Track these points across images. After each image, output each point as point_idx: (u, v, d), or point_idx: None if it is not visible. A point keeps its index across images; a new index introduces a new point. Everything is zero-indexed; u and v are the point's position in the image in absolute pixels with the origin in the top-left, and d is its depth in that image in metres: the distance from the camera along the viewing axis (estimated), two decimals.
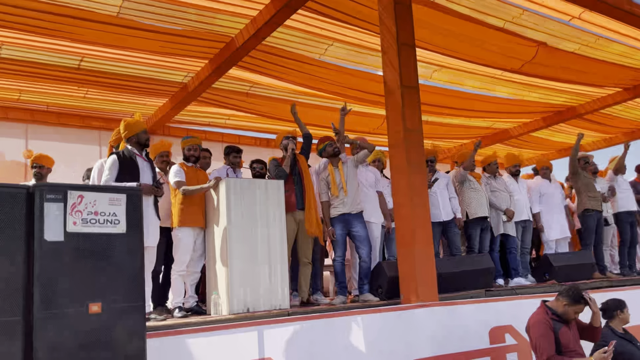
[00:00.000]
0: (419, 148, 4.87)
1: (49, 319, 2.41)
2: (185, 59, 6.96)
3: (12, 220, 2.40)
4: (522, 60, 7.32)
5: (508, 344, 4.73)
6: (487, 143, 11.43)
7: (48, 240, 2.44)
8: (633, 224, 7.42)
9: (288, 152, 5.26)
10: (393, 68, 4.95)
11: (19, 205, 2.43)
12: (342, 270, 5.23)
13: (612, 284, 6.21)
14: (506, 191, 6.64)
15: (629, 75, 8.25)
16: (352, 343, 4.02)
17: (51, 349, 2.41)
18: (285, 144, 5.38)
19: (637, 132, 11.40)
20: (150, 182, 4.47)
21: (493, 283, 5.92)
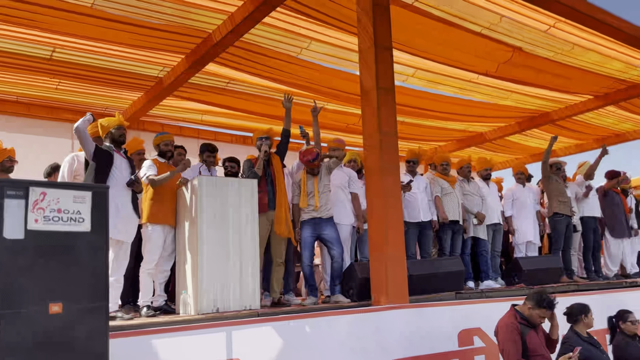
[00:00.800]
0: (393, 150, 4.88)
1: (7, 318, 2.34)
2: (161, 53, 6.86)
3: None
4: (497, 62, 7.40)
5: (476, 347, 4.78)
6: (462, 146, 11.57)
7: (7, 238, 2.36)
8: (596, 230, 7.57)
9: (261, 154, 5.22)
10: (369, 70, 4.95)
11: None
12: (310, 272, 5.21)
13: (579, 288, 6.33)
14: (478, 195, 6.72)
15: (601, 83, 8.42)
16: (321, 344, 4.01)
17: (9, 350, 2.34)
18: (258, 145, 5.34)
19: (607, 139, 11.65)
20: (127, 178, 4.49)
21: (463, 286, 5.98)
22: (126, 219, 4.42)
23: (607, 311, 4.97)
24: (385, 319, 4.37)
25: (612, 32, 6.61)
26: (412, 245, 6.12)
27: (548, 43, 6.96)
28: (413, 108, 8.87)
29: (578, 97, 9.18)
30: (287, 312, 4.28)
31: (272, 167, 5.29)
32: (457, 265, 5.66)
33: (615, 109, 9.76)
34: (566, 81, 8.26)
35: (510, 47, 6.97)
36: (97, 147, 4.42)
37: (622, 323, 4.70)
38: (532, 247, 7.17)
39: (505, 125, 10.63)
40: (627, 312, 4.73)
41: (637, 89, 8.57)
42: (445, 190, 6.45)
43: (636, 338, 4.69)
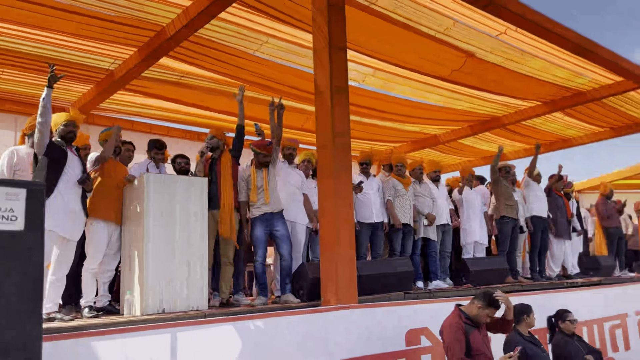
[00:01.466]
0: (346, 151, 4.90)
1: None
2: (113, 45, 6.65)
3: None
4: (450, 69, 7.56)
5: (423, 346, 4.86)
6: (417, 148, 11.75)
7: None
8: (544, 230, 7.83)
9: (203, 156, 5.16)
10: (324, 69, 4.95)
11: None
12: (262, 271, 5.17)
13: (523, 289, 6.54)
14: (429, 196, 6.84)
15: (548, 90, 8.73)
16: (270, 345, 3.98)
17: None
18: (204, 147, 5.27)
19: (555, 144, 12.10)
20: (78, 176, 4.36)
21: (413, 286, 6.08)
22: (74, 217, 4.28)
23: (549, 311, 5.15)
24: (335, 319, 4.38)
25: (559, 40, 6.86)
26: (363, 246, 6.17)
27: (499, 49, 7.16)
28: (369, 109, 8.95)
29: (527, 103, 9.48)
30: (236, 313, 4.23)
31: (220, 165, 5.21)
32: (406, 265, 5.74)
33: (561, 115, 10.14)
34: (515, 87, 8.51)
35: (463, 52, 7.13)
36: (50, 141, 4.26)
37: (561, 322, 4.89)
38: (480, 247, 7.35)
39: (458, 128, 10.87)
40: (566, 311, 4.92)
41: (581, 96, 8.93)
42: (398, 192, 6.52)
43: (574, 337, 4.88)
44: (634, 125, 10.73)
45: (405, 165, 6.82)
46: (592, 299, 6.83)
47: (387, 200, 6.47)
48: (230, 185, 5.15)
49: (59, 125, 4.43)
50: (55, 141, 4.37)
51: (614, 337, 6.82)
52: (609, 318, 6.85)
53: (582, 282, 7.47)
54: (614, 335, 6.83)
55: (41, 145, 4.17)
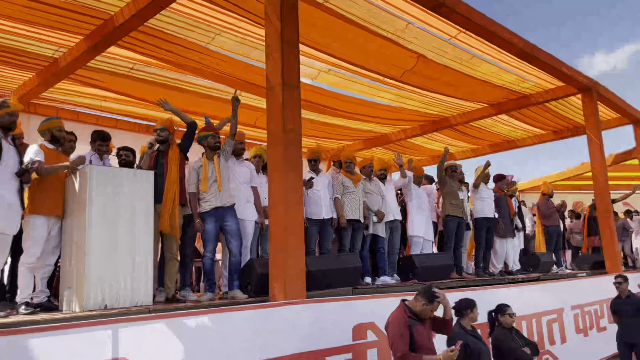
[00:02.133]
0: (296, 147, 4.89)
1: None
2: (57, 32, 6.41)
3: None
4: (402, 69, 7.69)
5: (369, 341, 4.91)
6: (368, 146, 11.90)
7: None
8: (490, 230, 8.10)
9: (152, 148, 5.05)
10: (275, 65, 4.92)
11: None
12: (211, 266, 5.11)
13: (467, 284, 6.74)
14: (379, 193, 6.94)
15: (496, 93, 9.03)
16: (216, 341, 3.93)
17: None
18: (154, 139, 5.15)
19: (500, 145, 12.52)
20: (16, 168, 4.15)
21: (360, 281, 6.16)
22: (9, 210, 4.07)
23: (492, 306, 5.32)
24: (283, 314, 4.38)
25: (506, 45, 7.11)
26: (312, 242, 6.20)
27: (450, 52, 7.34)
28: (321, 106, 8.99)
29: (475, 105, 9.77)
30: (181, 309, 4.16)
31: (167, 158, 5.11)
32: (354, 261, 5.80)
33: (507, 117, 10.51)
34: (464, 89, 8.75)
35: (414, 53, 7.26)
36: None
37: (501, 316, 5.05)
38: (428, 244, 7.52)
39: (409, 127, 11.08)
40: (505, 306, 5.09)
41: (526, 99, 9.29)
42: (347, 189, 6.58)
43: (513, 330, 5.07)
44: (574, 129, 11.24)
45: (355, 162, 6.89)
46: (532, 294, 7.11)
47: (335, 197, 6.52)
48: (176, 180, 5.05)
49: (4, 114, 4.20)
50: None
51: (551, 330, 7.14)
52: (547, 312, 7.16)
53: (523, 278, 7.77)
54: (552, 328, 7.15)
55: None
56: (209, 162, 5.24)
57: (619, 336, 6.76)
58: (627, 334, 6.64)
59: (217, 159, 5.26)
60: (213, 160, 5.25)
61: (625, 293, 6.77)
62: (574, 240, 12.00)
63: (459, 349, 3.95)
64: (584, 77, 8.62)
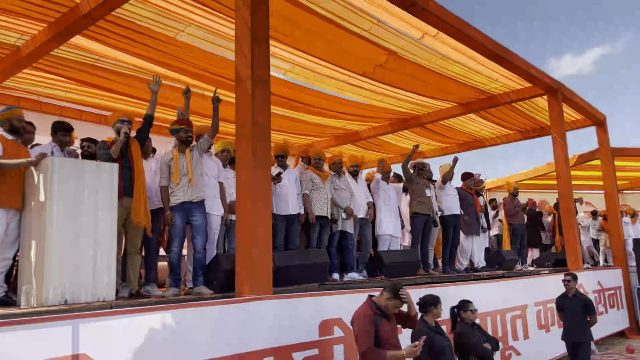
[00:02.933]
0: (265, 142, 4.85)
1: None
2: (20, 18, 6.19)
3: None
4: (373, 64, 7.71)
5: (336, 336, 4.93)
6: (339, 143, 11.93)
7: None
8: (456, 227, 8.21)
9: (120, 137, 4.93)
10: (245, 59, 4.87)
11: None
12: (177, 261, 5.05)
13: (433, 281, 6.81)
14: (348, 190, 6.96)
15: (465, 92, 9.15)
16: (180, 337, 3.88)
17: None
18: (118, 127, 5.04)
19: (468, 144, 12.72)
20: None
21: (328, 277, 6.16)
22: None
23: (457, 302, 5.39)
24: (249, 310, 4.34)
25: (477, 46, 7.21)
26: (279, 238, 6.16)
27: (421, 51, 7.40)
28: (291, 101, 8.95)
29: (445, 104, 9.88)
30: (145, 304, 4.08)
31: (131, 152, 5.00)
32: (322, 257, 5.80)
33: (476, 116, 10.67)
34: (434, 88, 8.84)
35: (385, 50, 7.29)
36: None
37: (463, 312, 5.13)
38: (395, 241, 7.58)
39: (379, 125, 11.14)
40: (468, 301, 5.17)
41: (494, 99, 9.45)
42: (316, 185, 6.58)
43: (474, 326, 5.15)
44: (540, 129, 11.49)
45: (324, 158, 6.88)
46: (496, 291, 7.25)
47: (303, 193, 6.50)
48: (143, 173, 4.97)
49: None
50: None
51: (515, 326, 7.29)
52: (511, 309, 7.30)
53: (488, 275, 7.91)
54: (515, 324, 7.30)
55: None
56: (181, 155, 5.16)
57: (565, 335, 6.70)
58: (572, 333, 6.58)
59: (189, 153, 5.18)
60: (185, 154, 5.17)
61: (573, 292, 6.71)
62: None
63: (422, 345, 4.00)
64: (550, 79, 8.81)
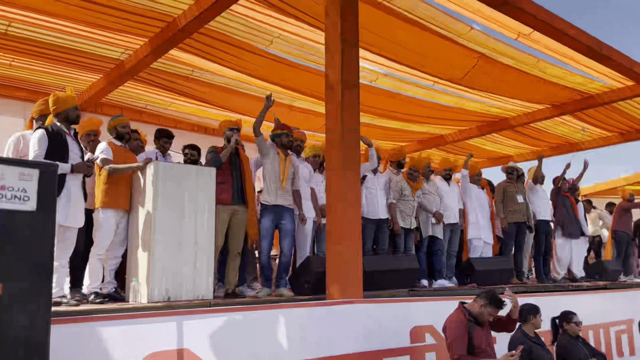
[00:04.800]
0: (355, 146, 4.89)
1: None
2: (123, 34, 6.66)
3: None
4: (463, 71, 7.52)
5: (428, 344, 4.84)
6: (424, 147, 11.72)
7: None
8: (548, 234, 7.80)
9: (231, 143, 5.16)
10: (335, 64, 4.93)
11: None
12: (267, 262, 5.18)
13: (528, 290, 6.50)
14: (436, 194, 6.81)
15: (560, 93, 8.66)
16: (274, 337, 3.98)
17: None
18: (228, 135, 5.28)
19: (561, 147, 12.03)
20: (77, 161, 4.24)
21: (417, 283, 6.06)
22: (74, 204, 4.20)
23: (553, 313, 5.12)
24: (339, 313, 4.38)
25: (573, 43, 6.81)
26: (368, 242, 6.15)
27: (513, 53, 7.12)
28: (379, 109, 8.93)
29: (536, 105, 9.42)
30: (240, 303, 4.23)
31: (241, 159, 5.24)
32: (412, 262, 5.73)
33: (570, 118, 10.08)
34: (527, 90, 8.46)
35: (476, 53, 7.08)
36: (46, 129, 4.17)
37: (567, 324, 4.85)
38: (487, 247, 7.31)
39: (466, 128, 10.83)
40: (571, 313, 4.89)
41: (592, 100, 8.87)
42: (405, 197, 6.49)
43: (579, 339, 4.85)
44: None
45: (419, 170, 6.71)
46: (598, 302, 6.79)
47: (389, 203, 6.43)
48: (253, 183, 5.22)
49: (69, 108, 4.30)
50: (52, 126, 4.24)
51: (620, 342, 6.79)
52: (615, 323, 6.81)
53: (588, 286, 7.43)
54: (620, 340, 6.79)
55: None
56: (283, 159, 5.34)
57: None
58: None
59: (289, 157, 5.35)
60: (285, 159, 5.33)
61: None
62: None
63: (519, 354, 3.83)
64: None
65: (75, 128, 4.49)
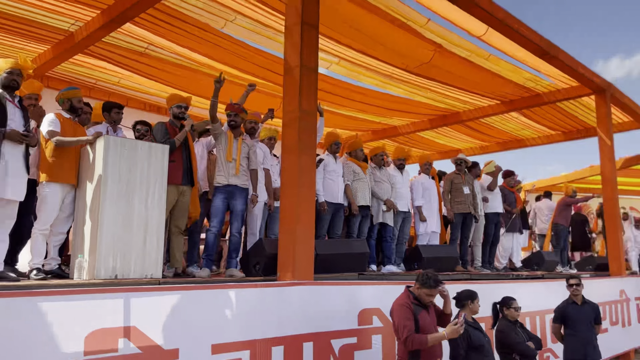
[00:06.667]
0: (311, 130, 4.90)
1: None
2: (74, 4, 6.38)
3: None
4: (419, 61, 7.65)
5: (375, 326, 4.95)
6: (377, 137, 11.89)
7: None
8: (497, 225, 8.10)
9: (186, 127, 5.07)
10: (294, 46, 4.92)
11: None
12: (213, 241, 5.14)
13: (472, 277, 6.74)
14: (388, 182, 6.93)
15: (510, 89, 8.96)
16: (223, 317, 3.96)
17: None
18: (176, 112, 5.18)
19: (508, 143, 12.49)
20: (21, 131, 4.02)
21: (367, 268, 6.17)
22: (16, 177, 3.99)
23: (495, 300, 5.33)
24: (289, 294, 4.40)
25: (525, 42, 7.07)
26: (323, 227, 6.19)
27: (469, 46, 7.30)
28: (333, 95, 8.96)
29: (487, 101, 9.72)
30: (190, 282, 4.18)
31: (189, 141, 5.18)
32: (362, 247, 5.81)
33: (518, 115, 10.46)
34: (478, 85, 8.71)
35: (433, 44, 7.22)
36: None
37: (506, 309, 5.05)
38: (434, 236, 7.52)
39: (418, 121, 11.05)
40: (511, 299, 5.10)
41: (539, 98, 9.24)
42: (357, 176, 6.59)
43: (517, 324, 5.07)
44: (585, 130, 11.20)
45: (363, 150, 6.91)
46: (536, 291, 7.11)
47: (345, 185, 6.52)
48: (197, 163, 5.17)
49: (2, 72, 4.09)
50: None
51: None
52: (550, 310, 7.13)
53: (527, 275, 7.77)
54: None
55: None
56: (234, 139, 5.30)
57: (574, 352, 5.70)
58: (585, 349, 5.66)
59: (241, 140, 5.31)
60: (238, 140, 5.28)
61: (581, 298, 5.86)
62: None
63: (463, 322, 3.97)
64: (599, 78, 8.57)
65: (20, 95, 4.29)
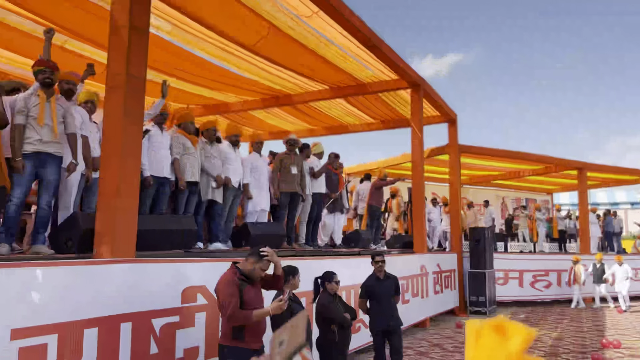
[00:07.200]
0: (139, 97, 4.56)
1: None
2: None
3: None
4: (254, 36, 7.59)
5: (199, 304, 4.85)
6: (207, 113, 11.59)
7: None
8: (320, 204, 8.51)
9: None
10: (123, 5, 4.50)
11: None
12: (15, 214, 4.54)
13: (296, 254, 6.99)
14: (219, 158, 6.81)
15: (337, 76, 9.41)
16: (26, 298, 3.51)
17: None
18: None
19: (333, 128, 13.17)
20: None
21: (193, 245, 6.01)
22: None
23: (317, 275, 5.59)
24: (108, 272, 4.07)
25: (354, 31, 7.44)
26: (146, 202, 5.86)
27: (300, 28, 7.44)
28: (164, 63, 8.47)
29: (317, 86, 10.08)
30: None
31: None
32: (189, 224, 5.64)
33: (343, 102, 11.06)
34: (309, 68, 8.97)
35: (267, 23, 7.21)
36: None
37: (328, 283, 5.35)
38: (263, 214, 7.62)
39: (251, 99, 11.03)
40: (333, 273, 5.40)
41: (363, 88, 9.87)
42: (187, 150, 6.35)
43: (336, 297, 5.40)
44: (400, 121, 12.29)
45: (194, 123, 6.67)
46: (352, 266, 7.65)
47: (173, 158, 6.25)
48: None
49: None
50: None
51: None
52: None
53: (345, 252, 8.32)
54: None
55: None
56: (46, 100, 4.65)
57: (379, 322, 5.91)
58: (388, 318, 5.90)
59: (54, 101, 4.67)
60: (50, 102, 4.65)
61: (384, 274, 6.05)
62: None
63: (287, 298, 4.10)
64: (414, 74, 9.45)
65: None
